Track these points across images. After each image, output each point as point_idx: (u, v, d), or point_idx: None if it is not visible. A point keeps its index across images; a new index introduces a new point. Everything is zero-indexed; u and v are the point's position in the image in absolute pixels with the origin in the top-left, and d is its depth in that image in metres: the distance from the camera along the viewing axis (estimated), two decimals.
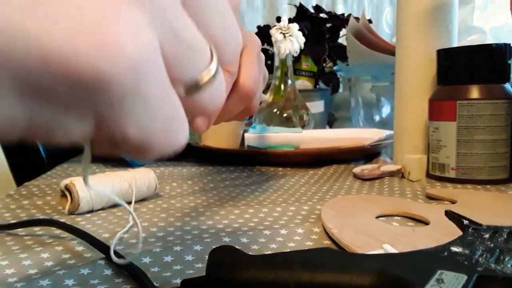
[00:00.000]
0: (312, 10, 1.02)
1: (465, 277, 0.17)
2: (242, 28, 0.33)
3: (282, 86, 0.70)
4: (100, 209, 0.36)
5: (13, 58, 0.09)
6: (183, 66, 0.12)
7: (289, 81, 0.71)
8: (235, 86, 0.29)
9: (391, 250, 0.22)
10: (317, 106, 0.79)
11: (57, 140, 0.11)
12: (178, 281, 0.22)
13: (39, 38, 0.09)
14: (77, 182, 0.35)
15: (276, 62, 0.70)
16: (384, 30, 1.41)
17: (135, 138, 0.11)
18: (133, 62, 0.10)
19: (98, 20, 0.09)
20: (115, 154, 0.12)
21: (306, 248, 0.26)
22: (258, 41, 0.35)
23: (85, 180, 0.13)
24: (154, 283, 0.21)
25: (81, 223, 0.32)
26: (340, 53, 0.93)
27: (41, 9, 0.09)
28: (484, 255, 0.19)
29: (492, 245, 0.20)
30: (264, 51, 0.80)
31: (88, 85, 0.09)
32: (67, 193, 0.35)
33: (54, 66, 0.09)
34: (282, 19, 0.68)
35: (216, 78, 0.13)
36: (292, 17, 0.98)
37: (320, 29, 0.95)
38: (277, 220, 0.32)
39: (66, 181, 0.35)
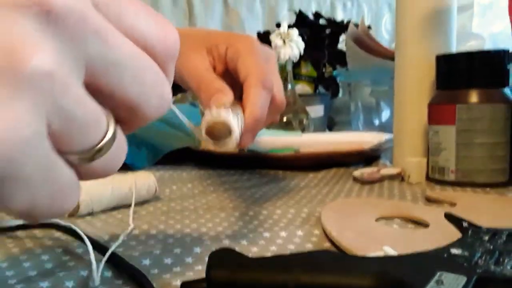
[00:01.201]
0: (311, 17, 1.03)
1: (464, 279, 0.17)
2: (259, 44, 0.35)
3: None
4: (100, 212, 0.36)
5: None
6: (73, 141, 0.12)
7: (289, 86, 0.71)
8: (271, 99, 0.32)
9: (391, 252, 0.22)
10: (317, 111, 0.79)
11: None
12: (178, 283, 0.22)
13: None
14: None
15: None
16: (383, 36, 1.42)
17: (20, 210, 0.12)
18: (9, 154, 0.10)
19: None
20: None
21: (306, 251, 0.26)
22: (274, 54, 0.38)
23: None
24: (154, 285, 0.21)
25: (81, 225, 0.32)
26: (340, 58, 0.94)
27: None
28: (484, 257, 0.19)
29: (491, 247, 0.20)
30: None
31: None
32: None
33: None
34: (281, 25, 0.69)
35: (110, 148, 0.13)
36: (292, 23, 0.98)
37: (319, 35, 0.96)
38: (276, 223, 0.32)
39: None
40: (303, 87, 0.94)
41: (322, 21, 1.01)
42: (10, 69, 0.10)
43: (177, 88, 0.39)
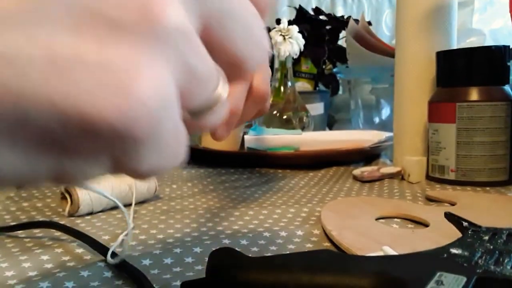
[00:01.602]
0: (311, 12, 1.02)
1: (464, 279, 0.17)
2: None
3: (282, 88, 0.71)
4: (100, 211, 0.36)
5: (37, 120, 0.09)
6: (193, 97, 0.12)
7: (289, 83, 0.71)
8: (249, 90, 0.30)
9: (391, 252, 0.22)
10: (316, 108, 0.79)
11: (74, 183, 0.11)
12: (178, 283, 0.22)
13: (63, 101, 0.09)
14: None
15: (276, 64, 0.70)
16: (384, 32, 1.42)
17: (146, 173, 0.11)
18: (153, 117, 0.10)
19: (120, 78, 0.09)
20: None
21: (306, 250, 0.26)
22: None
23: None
24: (154, 285, 0.21)
25: (81, 225, 0.32)
26: (340, 55, 0.94)
27: (63, 72, 0.09)
28: (484, 257, 0.19)
29: (491, 247, 0.20)
30: None
31: (110, 139, 0.10)
32: (67, 195, 0.35)
33: (78, 124, 0.09)
34: (281, 21, 0.68)
35: (222, 104, 0.13)
36: (291, 19, 0.98)
37: (319, 31, 0.95)
38: (276, 222, 0.32)
39: None
40: (303, 85, 0.93)
41: (322, 17, 1.01)
42: (146, 23, 0.09)
43: None
